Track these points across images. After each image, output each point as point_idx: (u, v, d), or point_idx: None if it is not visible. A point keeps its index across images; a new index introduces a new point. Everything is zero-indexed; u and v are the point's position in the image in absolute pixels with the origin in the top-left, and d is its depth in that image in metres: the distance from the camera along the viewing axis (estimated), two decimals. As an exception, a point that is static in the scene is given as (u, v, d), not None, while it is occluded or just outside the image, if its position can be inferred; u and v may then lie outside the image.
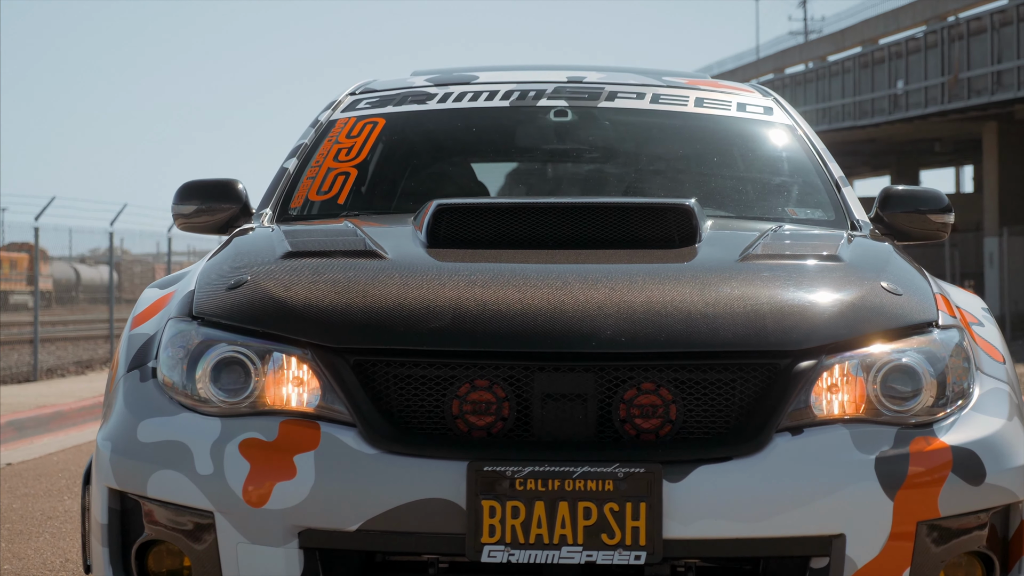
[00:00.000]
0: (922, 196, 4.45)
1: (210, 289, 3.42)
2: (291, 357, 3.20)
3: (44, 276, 61.84)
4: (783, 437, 3.10)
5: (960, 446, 3.18)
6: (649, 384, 3.13)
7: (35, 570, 5.36)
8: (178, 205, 4.54)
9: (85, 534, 3.47)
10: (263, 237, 3.85)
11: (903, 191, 4.47)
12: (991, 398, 3.34)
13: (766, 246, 3.59)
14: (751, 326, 3.17)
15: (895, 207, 4.42)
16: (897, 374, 3.21)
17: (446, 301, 3.21)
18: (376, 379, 3.15)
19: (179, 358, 3.30)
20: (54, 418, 11.01)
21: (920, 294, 3.44)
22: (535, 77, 4.98)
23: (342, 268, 3.41)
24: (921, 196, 4.45)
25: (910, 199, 4.44)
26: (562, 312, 3.17)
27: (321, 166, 4.62)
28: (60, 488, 7.54)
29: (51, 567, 5.41)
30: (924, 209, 4.42)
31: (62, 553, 5.69)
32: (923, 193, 4.47)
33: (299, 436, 3.12)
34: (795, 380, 3.14)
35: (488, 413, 3.12)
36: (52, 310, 55.90)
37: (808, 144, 4.73)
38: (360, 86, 5.04)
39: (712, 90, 4.95)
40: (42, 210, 21.14)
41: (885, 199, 4.44)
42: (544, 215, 3.72)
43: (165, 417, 3.24)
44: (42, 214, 21.13)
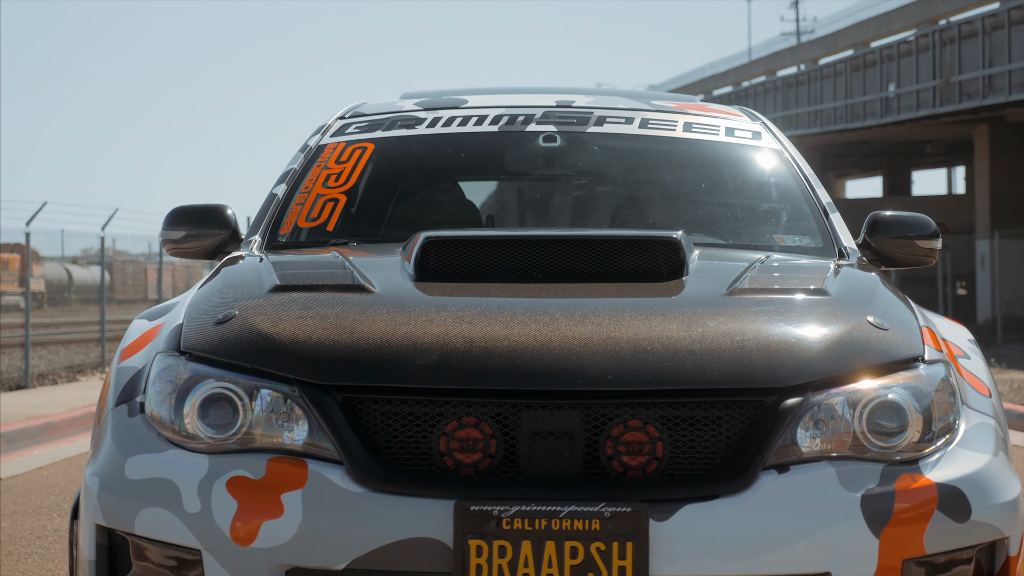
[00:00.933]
0: (910, 222, 4.46)
1: (198, 323, 3.42)
2: (279, 394, 3.21)
3: (36, 277, 61.73)
4: (769, 475, 3.11)
5: (945, 483, 3.19)
6: (636, 421, 3.13)
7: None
8: (167, 231, 4.55)
9: (72, 569, 3.48)
10: (251, 268, 3.85)
11: (891, 217, 4.48)
12: (977, 433, 3.35)
13: (753, 279, 3.60)
14: (738, 363, 3.18)
15: (883, 233, 4.43)
16: (883, 410, 3.22)
17: (433, 338, 3.22)
18: (363, 416, 3.16)
19: (167, 393, 3.30)
20: (44, 429, 10.99)
21: (906, 328, 3.45)
22: (524, 101, 4.98)
23: (330, 303, 3.41)
24: (909, 222, 4.46)
25: (897, 225, 4.45)
26: (549, 349, 3.17)
27: (310, 192, 4.62)
28: (50, 505, 7.53)
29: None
30: (912, 235, 4.43)
31: (50, 575, 5.69)
32: (911, 219, 4.48)
33: (286, 474, 3.13)
34: (781, 417, 3.15)
35: (475, 450, 3.12)
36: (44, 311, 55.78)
37: (796, 169, 4.74)
38: (349, 110, 5.04)
39: (700, 114, 4.95)
40: (33, 215, 21.13)
41: (872, 225, 4.45)
42: (532, 248, 3.72)
43: (153, 454, 3.24)
44: (33, 219, 21.13)
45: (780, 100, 39.99)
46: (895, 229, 4.44)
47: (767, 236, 4.53)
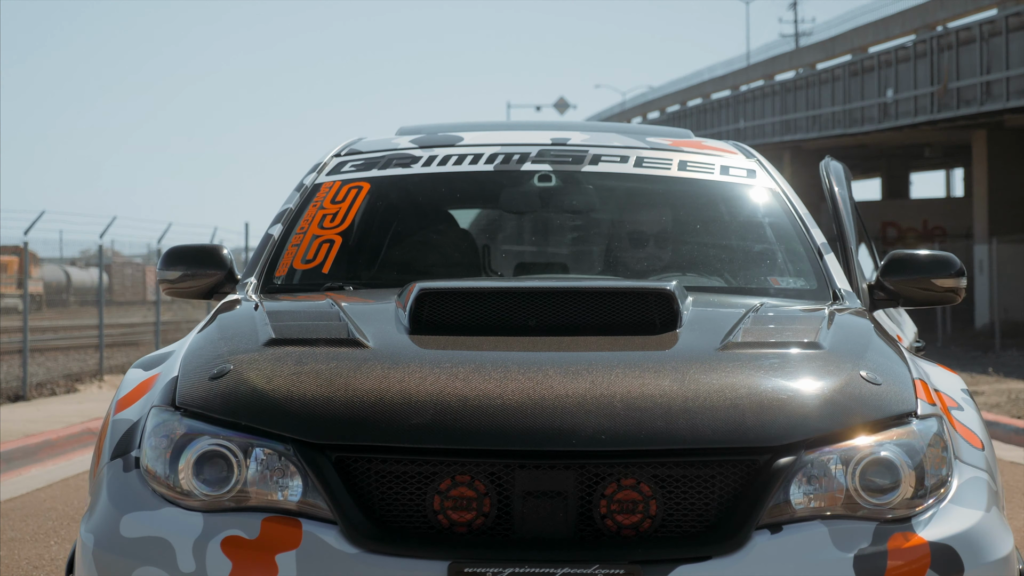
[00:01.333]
0: (932, 262, 4.36)
1: (194, 378, 3.43)
2: (273, 452, 3.22)
3: (34, 279, 61.77)
4: (762, 535, 3.12)
5: (938, 542, 3.20)
6: (630, 480, 3.15)
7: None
8: (163, 271, 4.58)
9: (68, 625, 3.49)
10: (247, 318, 3.86)
11: (914, 257, 4.39)
12: (969, 488, 3.36)
13: (746, 331, 3.61)
14: (731, 422, 3.19)
15: (903, 273, 4.37)
16: (876, 468, 3.24)
17: (427, 396, 3.23)
18: (357, 475, 3.17)
19: (162, 448, 3.31)
20: (42, 447, 10.99)
21: (899, 382, 3.45)
22: (519, 139, 4.99)
23: (324, 359, 3.42)
24: (931, 262, 4.37)
25: (920, 265, 4.37)
26: (542, 408, 3.18)
27: (306, 233, 4.64)
28: (47, 531, 7.53)
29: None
30: (935, 275, 4.36)
31: (48, 608, 5.70)
32: (934, 259, 4.37)
33: (281, 534, 3.14)
34: (775, 476, 3.16)
35: (469, 509, 3.14)
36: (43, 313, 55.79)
37: (790, 208, 4.76)
38: (345, 147, 5.05)
39: (695, 152, 4.96)
40: (31, 224, 21.12)
41: (891, 265, 4.39)
42: (525, 300, 3.73)
43: (148, 512, 3.25)
44: (31, 228, 21.12)
45: (778, 104, 39.99)
46: (917, 268, 4.36)
47: (762, 278, 4.54)
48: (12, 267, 58.61)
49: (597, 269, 4.81)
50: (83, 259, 68.03)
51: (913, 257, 4.40)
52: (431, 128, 5.20)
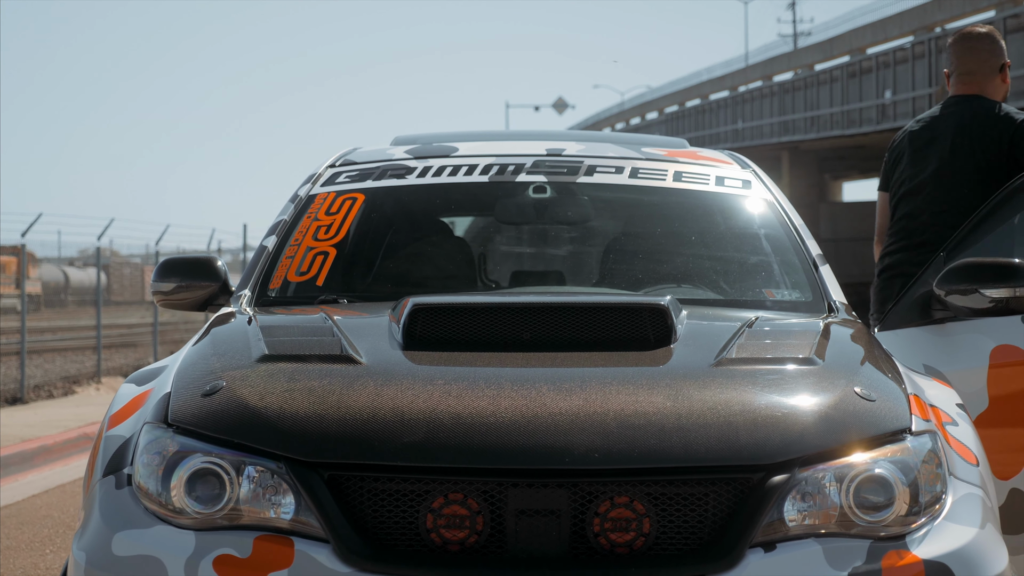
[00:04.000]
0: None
1: (186, 395, 3.42)
2: (265, 470, 3.20)
3: (32, 280, 61.69)
4: (756, 554, 3.11)
5: (932, 560, 3.18)
6: (623, 498, 3.13)
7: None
8: (157, 282, 4.58)
9: (61, 642, 3.47)
10: (240, 332, 3.85)
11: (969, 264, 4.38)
12: (964, 505, 3.35)
13: (741, 347, 3.60)
14: (724, 440, 3.17)
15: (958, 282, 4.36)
16: (870, 485, 3.22)
17: (420, 413, 3.21)
18: (350, 493, 3.15)
19: (154, 466, 3.30)
20: (39, 452, 10.98)
21: (893, 398, 3.44)
22: (514, 149, 4.98)
23: (317, 375, 3.41)
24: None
25: None
26: (536, 426, 3.17)
27: (300, 244, 4.63)
28: (42, 539, 7.52)
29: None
30: None
31: (43, 618, 5.70)
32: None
33: (273, 554, 3.12)
34: (768, 494, 3.15)
35: (462, 527, 3.12)
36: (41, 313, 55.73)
37: (786, 219, 4.75)
38: (339, 157, 5.04)
39: (691, 162, 4.96)
40: (28, 227, 21.13)
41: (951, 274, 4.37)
42: (519, 315, 3.72)
43: (140, 529, 3.24)
44: (28, 231, 21.12)
45: (777, 105, 40.07)
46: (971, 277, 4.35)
47: (757, 290, 4.53)
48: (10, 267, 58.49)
49: (593, 281, 4.80)
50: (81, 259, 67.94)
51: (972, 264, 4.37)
52: (426, 138, 5.19)
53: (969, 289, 4.34)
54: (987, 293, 4.31)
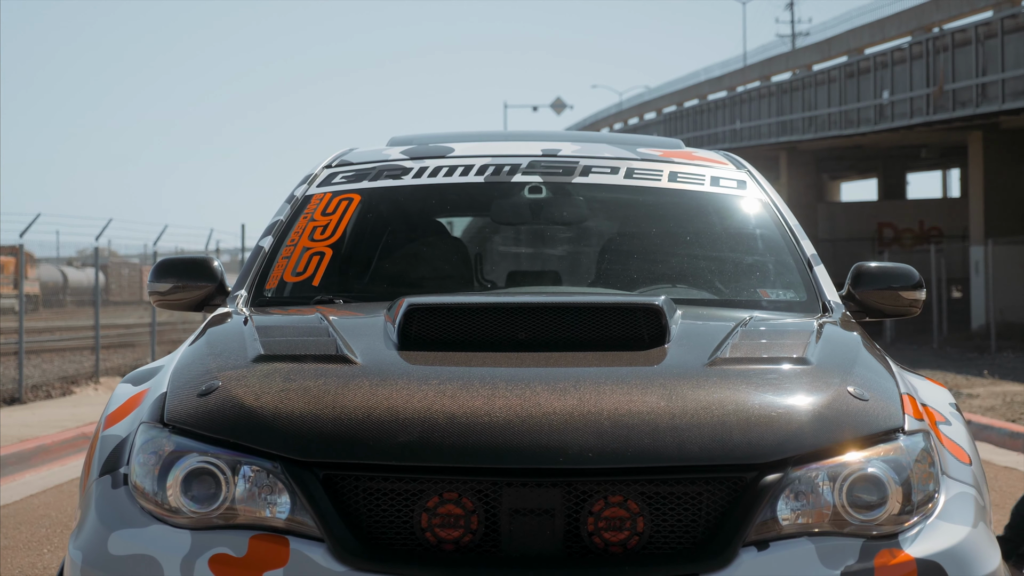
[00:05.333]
0: (893, 273, 4.50)
1: (182, 395, 3.43)
2: (261, 469, 3.21)
3: (31, 280, 61.49)
4: (749, 552, 3.12)
5: (924, 558, 3.19)
6: (617, 497, 3.14)
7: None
8: (154, 282, 4.59)
9: (57, 641, 3.48)
10: (236, 332, 3.86)
11: (875, 268, 4.51)
12: (956, 504, 3.36)
13: (735, 346, 3.61)
14: (717, 439, 3.18)
15: (867, 285, 4.47)
16: (863, 484, 3.23)
17: (415, 413, 3.22)
18: (345, 493, 3.16)
19: (151, 465, 3.31)
20: (36, 452, 10.98)
21: (886, 398, 3.45)
22: (510, 150, 4.99)
23: (312, 375, 3.41)
24: (893, 273, 4.50)
25: (882, 276, 4.48)
26: (530, 426, 3.18)
27: (296, 245, 4.64)
28: (40, 539, 7.53)
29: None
30: (896, 286, 4.47)
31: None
32: (894, 270, 4.51)
33: (268, 553, 3.13)
34: (762, 493, 3.16)
35: (456, 526, 3.13)
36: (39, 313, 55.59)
37: (781, 220, 4.76)
38: (336, 158, 5.05)
39: (686, 163, 4.97)
40: (27, 227, 21.11)
41: (857, 276, 4.49)
42: (514, 315, 3.73)
43: (136, 529, 3.25)
44: (27, 231, 21.11)
45: (775, 105, 40.03)
46: (879, 281, 4.48)
47: (752, 290, 4.54)
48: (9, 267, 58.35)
49: (588, 280, 4.81)
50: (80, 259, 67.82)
51: (878, 268, 4.49)
52: (422, 139, 5.20)
53: None
54: None
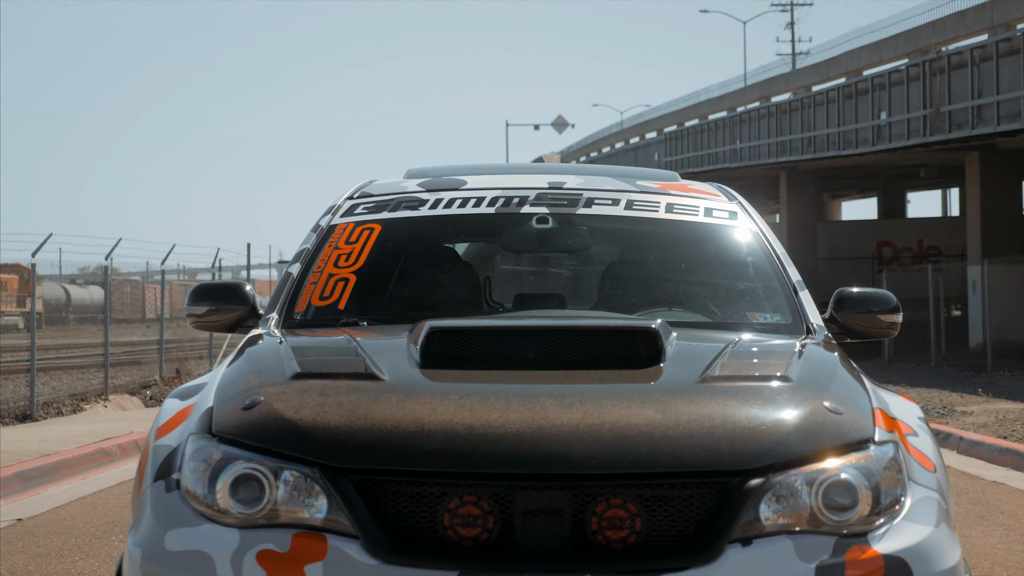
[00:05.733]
0: (872, 298, 4.90)
1: (227, 408, 3.82)
2: (301, 474, 3.60)
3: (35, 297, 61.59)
4: (734, 548, 3.51)
5: (891, 554, 3.59)
6: (617, 499, 3.53)
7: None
8: (191, 305, 4.99)
9: (117, 629, 3.88)
10: (272, 352, 4.26)
11: (857, 294, 4.91)
12: (921, 507, 3.75)
13: (724, 365, 4.01)
14: (707, 448, 3.58)
15: (848, 309, 4.87)
16: (836, 489, 3.62)
17: (437, 424, 3.62)
18: (376, 495, 3.56)
19: (201, 471, 3.70)
20: (58, 467, 11.36)
21: (859, 411, 3.85)
22: (519, 183, 5.40)
23: (345, 391, 3.81)
24: (872, 298, 4.90)
25: (861, 301, 4.89)
26: (540, 436, 3.57)
27: (322, 271, 5.04)
28: (71, 547, 7.92)
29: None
30: (875, 310, 4.87)
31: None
32: (873, 295, 4.92)
33: (309, 548, 3.53)
34: (746, 496, 3.55)
35: (475, 526, 3.52)
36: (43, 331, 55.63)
37: (769, 248, 5.16)
38: (357, 190, 5.46)
39: (681, 195, 5.37)
40: (39, 247, 21.44)
41: (839, 301, 4.89)
42: (525, 337, 4.13)
43: (189, 528, 3.64)
44: (39, 250, 21.47)
45: (774, 126, 40.39)
46: (859, 305, 4.88)
47: (742, 314, 4.94)
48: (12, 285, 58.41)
49: (591, 304, 5.21)
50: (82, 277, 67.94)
51: (860, 293, 4.90)
52: (437, 171, 5.61)
53: None
54: None
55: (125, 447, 13.00)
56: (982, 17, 35.51)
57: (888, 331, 4.93)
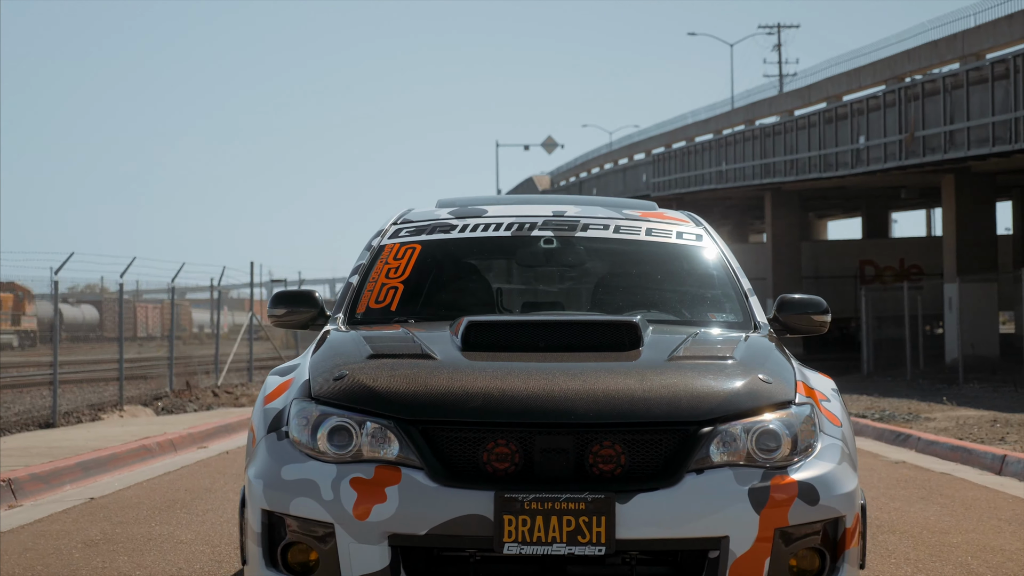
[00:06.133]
0: (808, 302, 6.34)
1: (321, 379, 5.23)
2: (379, 425, 5.00)
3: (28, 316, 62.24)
4: (691, 476, 4.92)
5: (803, 481, 4.99)
6: (607, 442, 4.93)
7: None
8: (272, 309, 6.41)
9: (242, 538, 5.28)
10: (348, 340, 5.67)
11: (795, 299, 6.34)
12: (828, 450, 5.16)
13: (687, 349, 5.43)
14: (672, 406, 4.99)
15: (788, 311, 6.31)
16: (765, 436, 5.03)
17: (477, 390, 5.03)
18: (434, 439, 4.95)
19: (303, 425, 5.10)
20: (110, 459, 12.75)
21: (785, 382, 5.27)
22: (529, 212, 6.83)
23: (409, 366, 5.22)
24: (807, 302, 6.33)
25: (799, 304, 6.33)
26: (551, 397, 4.98)
27: (376, 281, 6.46)
28: (144, 517, 9.34)
29: (171, 573, 7.21)
30: (809, 311, 6.31)
31: (174, 565, 7.49)
32: (809, 300, 6.35)
33: (387, 476, 4.93)
34: (700, 440, 4.96)
35: (505, 460, 4.92)
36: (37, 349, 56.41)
37: (726, 263, 6.59)
38: (400, 217, 6.89)
39: (658, 221, 6.81)
40: (61, 264, 22.65)
41: (781, 305, 6.32)
42: (539, 328, 5.56)
43: (298, 464, 5.04)
44: (61, 268, 22.73)
45: (759, 148, 41.32)
46: (797, 308, 6.32)
47: (704, 314, 6.37)
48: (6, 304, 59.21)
49: (586, 307, 6.63)
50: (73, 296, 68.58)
51: (798, 299, 6.32)
52: (462, 201, 7.05)
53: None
54: None
55: (163, 444, 14.43)
56: (953, 47, 36.84)
57: (819, 328, 6.36)
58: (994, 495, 10.97)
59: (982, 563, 7.72)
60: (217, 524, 9.08)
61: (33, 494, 10.68)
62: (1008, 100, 27.85)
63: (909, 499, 10.58)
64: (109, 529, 8.77)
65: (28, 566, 7.51)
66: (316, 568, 4.96)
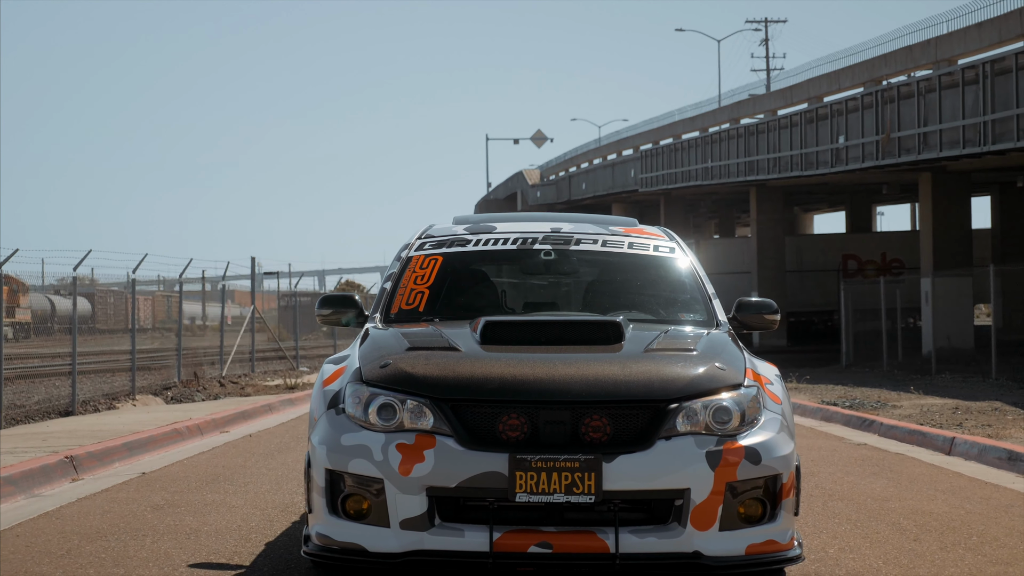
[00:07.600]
0: (760, 304, 7.75)
1: (370, 367, 6.62)
2: (417, 403, 6.39)
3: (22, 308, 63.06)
4: (661, 441, 6.31)
5: (749, 446, 6.39)
6: (596, 415, 6.33)
7: (222, 537, 8.55)
8: (319, 309, 7.84)
9: (308, 493, 6.67)
10: (389, 336, 7.07)
11: (751, 301, 7.76)
12: (769, 423, 6.57)
13: (660, 343, 6.83)
14: (647, 387, 6.39)
15: (744, 311, 7.72)
16: (720, 411, 6.43)
17: (495, 375, 6.41)
18: (461, 413, 6.34)
19: (356, 403, 6.49)
20: (148, 441, 14.14)
21: (737, 368, 6.67)
22: (531, 228, 8.24)
23: (440, 356, 6.61)
24: (760, 304, 7.75)
25: (754, 306, 7.74)
26: (553, 380, 6.38)
27: (406, 287, 7.86)
28: (195, 487, 10.74)
29: (235, 536, 8.60)
30: (763, 312, 7.72)
31: (232, 523, 8.88)
32: (761, 303, 7.77)
33: (425, 441, 6.31)
34: (669, 414, 6.36)
35: (517, 430, 6.31)
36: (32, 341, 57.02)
37: (695, 271, 8.00)
38: (424, 232, 8.30)
39: (638, 236, 8.23)
40: (80, 261, 23.79)
41: (739, 306, 7.74)
42: (542, 326, 6.96)
43: (354, 433, 6.43)
44: (80, 264, 23.88)
45: (743, 146, 42.02)
46: (752, 309, 7.74)
47: (676, 314, 7.78)
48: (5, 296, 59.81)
49: (578, 308, 8.04)
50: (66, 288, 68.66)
51: (752, 302, 7.73)
52: (475, 219, 8.46)
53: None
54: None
55: (191, 428, 15.83)
56: (927, 52, 38.05)
57: (770, 325, 7.78)
58: (938, 471, 12.37)
59: (912, 523, 9.13)
60: (260, 493, 10.46)
61: (91, 470, 12.08)
62: (978, 104, 29.02)
63: (863, 475, 11.99)
64: (169, 497, 10.18)
65: (113, 523, 8.93)
66: (369, 514, 6.35)
